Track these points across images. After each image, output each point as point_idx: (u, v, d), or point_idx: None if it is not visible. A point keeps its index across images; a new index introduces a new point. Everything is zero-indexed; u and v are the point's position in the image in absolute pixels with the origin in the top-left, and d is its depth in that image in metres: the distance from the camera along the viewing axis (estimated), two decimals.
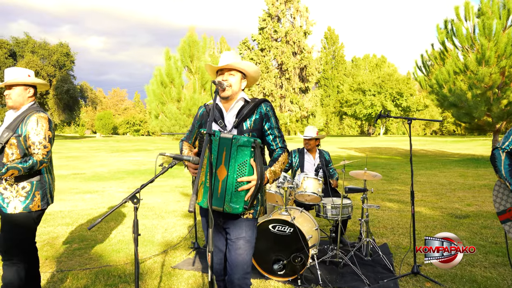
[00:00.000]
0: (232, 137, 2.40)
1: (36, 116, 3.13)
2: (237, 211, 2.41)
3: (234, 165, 2.40)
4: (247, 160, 2.38)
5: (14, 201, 3.07)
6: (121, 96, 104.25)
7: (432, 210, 7.52)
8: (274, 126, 2.74)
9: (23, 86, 3.24)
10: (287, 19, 43.12)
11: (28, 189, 3.11)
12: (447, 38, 16.74)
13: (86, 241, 5.55)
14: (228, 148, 2.41)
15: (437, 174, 13.31)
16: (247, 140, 2.39)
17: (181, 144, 2.98)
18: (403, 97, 55.64)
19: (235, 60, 2.73)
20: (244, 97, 2.77)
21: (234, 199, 2.41)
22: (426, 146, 29.77)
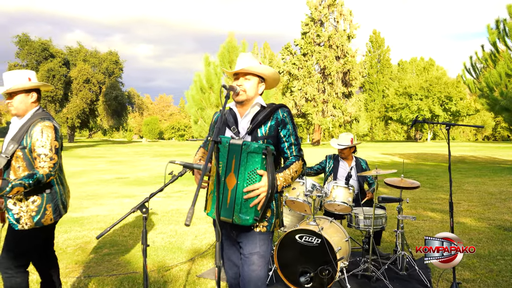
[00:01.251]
0: (242, 143, 2.27)
1: (41, 126, 2.92)
2: (246, 223, 2.27)
3: (244, 173, 2.26)
4: (258, 167, 2.24)
5: (25, 217, 2.89)
6: (167, 102, 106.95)
7: (478, 222, 7.03)
8: (291, 133, 2.56)
9: (24, 92, 3.00)
10: (330, 23, 42.59)
11: (38, 203, 2.93)
12: (499, 38, 15.80)
13: (117, 246, 5.59)
14: (238, 155, 2.28)
15: (487, 182, 12.54)
16: (258, 147, 2.25)
17: (198, 150, 2.90)
18: (452, 101, 53.40)
19: (250, 64, 2.58)
20: (260, 102, 2.62)
21: (244, 209, 2.27)
22: (477, 152, 28.31)
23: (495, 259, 4.99)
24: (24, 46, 46.49)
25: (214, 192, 2.32)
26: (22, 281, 3.00)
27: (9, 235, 2.98)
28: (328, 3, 41.66)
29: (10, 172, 2.92)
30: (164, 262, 4.91)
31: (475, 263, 4.83)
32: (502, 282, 4.23)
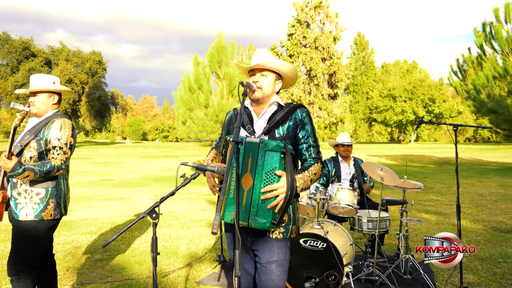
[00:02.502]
0: (259, 141, 2.12)
1: (60, 121, 3.03)
2: (263, 227, 2.11)
3: (261, 173, 2.11)
4: (276, 167, 2.09)
5: (27, 208, 2.92)
6: (150, 103, 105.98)
7: (474, 223, 7.02)
8: (309, 135, 2.42)
9: (47, 93, 3.14)
10: (316, 25, 42.68)
11: (42, 196, 2.95)
12: (486, 41, 16.01)
13: (109, 251, 5.38)
14: (255, 153, 2.12)
15: (476, 184, 12.64)
16: (277, 145, 2.10)
17: (210, 151, 2.74)
18: (435, 103, 54.13)
19: (267, 59, 2.42)
20: (278, 101, 2.47)
21: (260, 212, 2.11)
22: (461, 154, 28.66)
23: (496, 261, 4.94)
24: (4, 45, 45.49)
25: (229, 193, 2.17)
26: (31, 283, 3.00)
27: (15, 233, 2.99)
28: (315, 5, 41.75)
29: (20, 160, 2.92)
30: (160, 268, 4.72)
31: (478, 266, 4.77)
32: (507, 285, 4.17)
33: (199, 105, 14.13)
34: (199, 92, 14.10)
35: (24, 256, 2.94)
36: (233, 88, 14.19)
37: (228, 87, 14.22)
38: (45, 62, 48.50)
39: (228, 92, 14.32)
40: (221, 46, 14.34)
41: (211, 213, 8.06)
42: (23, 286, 2.94)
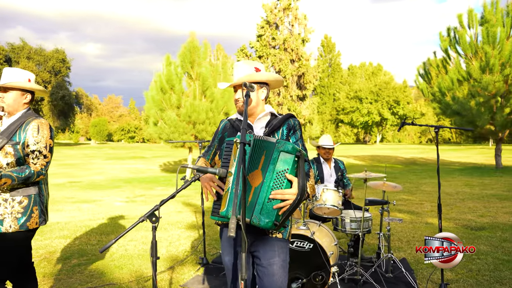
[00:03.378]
0: (276, 140, 2.10)
1: (37, 123, 2.82)
2: (266, 226, 2.06)
3: (272, 173, 2.07)
4: (288, 169, 2.07)
5: (9, 218, 2.70)
6: (116, 103, 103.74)
7: (445, 222, 7.24)
8: (298, 139, 2.50)
9: (20, 90, 2.89)
10: (285, 27, 43.02)
11: (25, 204, 2.75)
12: (450, 46, 16.58)
13: (86, 256, 5.21)
14: (269, 152, 2.09)
15: (442, 183, 13.03)
16: (293, 147, 2.07)
17: (197, 160, 2.70)
18: (400, 105, 55.64)
19: (243, 75, 2.47)
20: (272, 111, 2.55)
21: (265, 211, 2.06)
22: (425, 154, 29.58)
23: (471, 258, 5.11)
24: None
25: (231, 189, 2.12)
26: None
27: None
28: (284, 6, 42.06)
29: None
30: (141, 272, 4.62)
31: None
32: (483, 281, 4.32)
33: (171, 106, 13.93)
34: (171, 92, 13.90)
35: (5, 267, 2.77)
36: (206, 88, 14.07)
37: (201, 88, 14.09)
38: (4, 59, 46.65)
39: (201, 92, 14.19)
40: (193, 46, 14.19)
41: (188, 215, 7.96)
42: None
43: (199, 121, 13.64)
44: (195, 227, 6.91)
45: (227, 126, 2.60)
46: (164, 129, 13.86)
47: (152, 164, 22.75)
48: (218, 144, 2.61)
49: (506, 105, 15.52)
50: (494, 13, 15.68)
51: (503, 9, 15.87)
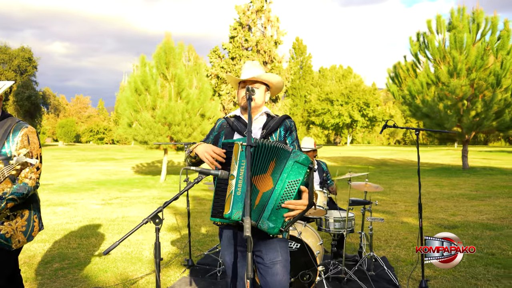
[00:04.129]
0: (292, 150, 2.16)
1: (25, 131, 2.63)
2: (272, 232, 2.13)
3: (284, 181, 2.13)
4: (300, 179, 2.13)
5: (16, 234, 2.61)
6: (84, 104, 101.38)
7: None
8: (295, 140, 2.60)
9: None
10: (258, 29, 43.22)
11: (26, 217, 2.68)
12: (420, 50, 17.11)
13: (68, 259, 5.13)
14: (283, 160, 2.15)
15: (413, 184, 13.45)
16: (306, 158, 2.15)
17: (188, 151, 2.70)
18: (369, 107, 56.83)
19: (260, 72, 2.58)
20: (268, 112, 2.64)
21: (273, 217, 2.13)
22: (394, 155, 30.33)
23: None
24: None
25: (236, 192, 2.16)
26: None
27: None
28: (256, 8, 42.25)
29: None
30: (126, 275, 4.59)
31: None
32: (459, 277, 4.52)
33: (145, 107, 13.79)
34: (146, 93, 13.76)
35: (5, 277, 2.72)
36: (181, 90, 14.00)
37: (177, 89, 14.01)
38: None
39: (176, 94, 14.11)
40: (169, 47, 14.09)
41: (168, 217, 7.92)
42: None
43: (174, 123, 13.56)
44: (176, 229, 6.89)
45: (223, 125, 2.65)
46: (139, 131, 13.70)
47: (124, 166, 22.40)
48: (213, 142, 2.64)
49: (472, 108, 16.14)
50: (461, 19, 16.30)
51: (469, 16, 16.50)
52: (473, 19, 16.24)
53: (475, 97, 16.05)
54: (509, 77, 15.41)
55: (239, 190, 2.16)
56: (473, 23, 16.19)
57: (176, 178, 15.56)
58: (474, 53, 15.46)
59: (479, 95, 15.95)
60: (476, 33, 16.16)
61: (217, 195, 2.32)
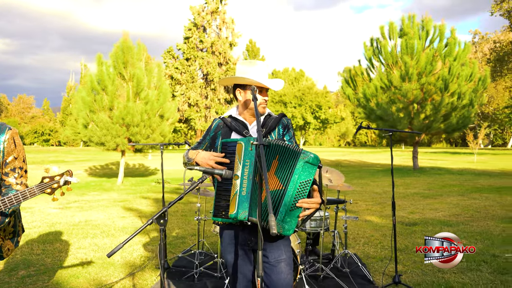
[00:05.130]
0: (300, 150, 2.15)
1: (11, 134, 2.43)
2: (287, 233, 2.13)
3: (296, 182, 2.12)
4: (311, 179, 2.13)
5: (6, 242, 2.50)
6: (27, 103, 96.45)
7: (382, 219, 7.78)
8: (292, 137, 2.66)
9: None
10: (213, 30, 43.09)
11: (13, 223, 2.53)
12: (374, 55, 17.76)
13: (34, 266, 4.89)
14: (293, 160, 2.14)
15: (370, 184, 13.93)
16: (315, 158, 2.14)
17: (186, 153, 2.68)
18: (321, 109, 58.14)
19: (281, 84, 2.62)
20: (270, 112, 2.70)
21: (287, 218, 2.12)
22: (347, 157, 31.23)
23: (412, 251, 5.57)
24: None
25: (241, 192, 2.17)
26: None
27: None
28: (211, 10, 42.13)
29: None
30: (100, 280, 4.44)
31: (399, 256, 5.32)
32: (427, 271, 4.75)
33: (103, 108, 13.36)
34: (103, 93, 13.34)
35: None
36: (140, 90, 13.70)
37: (135, 89, 13.69)
38: None
39: (135, 94, 13.79)
40: (127, 46, 13.74)
41: (133, 220, 7.72)
42: None
43: (133, 124, 13.24)
44: (144, 232, 6.74)
45: (220, 125, 2.64)
46: (96, 132, 13.26)
47: (76, 169, 21.56)
48: (210, 142, 2.64)
49: (422, 111, 16.94)
50: (411, 26, 17.08)
51: (419, 23, 17.33)
52: (422, 26, 17.08)
53: (425, 101, 16.86)
54: (455, 82, 16.33)
55: (244, 190, 2.18)
56: (422, 30, 17.02)
57: (134, 180, 15.20)
58: (424, 59, 16.25)
59: (428, 98, 16.78)
60: (426, 39, 17.00)
61: (219, 195, 2.33)
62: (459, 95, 16.41)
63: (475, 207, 8.89)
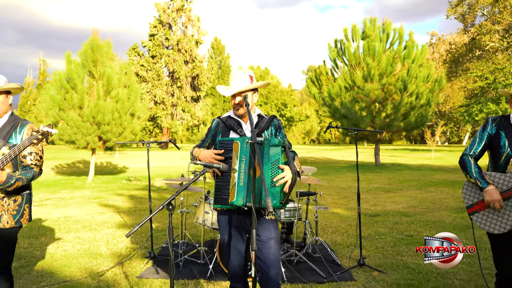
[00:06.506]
0: (264, 139, 2.66)
1: (30, 126, 3.01)
2: (275, 206, 2.60)
3: (268, 164, 2.62)
4: (279, 158, 2.63)
5: (6, 215, 2.91)
6: None
7: (348, 211, 8.40)
8: (284, 135, 3.12)
9: (4, 93, 3.03)
10: (179, 27, 43.00)
11: (19, 202, 2.98)
12: (338, 56, 18.54)
13: (24, 258, 5.14)
14: (262, 148, 2.65)
15: (335, 179, 14.65)
16: (279, 141, 2.65)
17: (192, 150, 3.09)
18: (287, 107, 59.12)
19: (242, 86, 2.95)
20: (259, 113, 3.11)
21: (270, 195, 2.58)
22: (312, 154, 32.11)
23: (374, 239, 6.18)
24: None
25: (239, 183, 2.63)
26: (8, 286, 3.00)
27: None
28: (177, 7, 42.02)
29: None
30: (91, 269, 4.77)
31: (363, 243, 5.88)
32: (388, 255, 5.34)
33: (72, 106, 13.39)
34: (73, 92, 13.37)
35: (4, 261, 2.95)
36: (111, 89, 13.81)
37: (106, 88, 13.79)
38: None
39: (105, 92, 13.89)
40: (96, 44, 13.80)
41: (111, 216, 7.98)
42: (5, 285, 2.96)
43: (104, 122, 13.35)
44: (124, 226, 7.05)
45: (219, 124, 3.07)
46: (66, 130, 13.28)
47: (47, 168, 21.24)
48: (211, 139, 3.08)
49: (383, 110, 17.87)
50: (373, 29, 17.95)
51: (379, 27, 18.24)
52: (383, 29, 17.99)
53: (386, 100, 17.79)
54: (414, 83, 17.33)
55: (241, 181, 2.66)
56: (383, 33, 17.93)
57: (105, 178, 15.29)
58: (385, 61, 17.15)
59: (389, 98, 17.71)
60: (386, 42, 17.94)
61: (218, 185, 2.79)
62: (417, 95, 17.43)
63: (431, 200, 9.69)
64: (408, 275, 4.53)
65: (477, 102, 29.28)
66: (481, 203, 3.00)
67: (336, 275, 4.57)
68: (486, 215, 2.97)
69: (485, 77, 26.93)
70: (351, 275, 4.60)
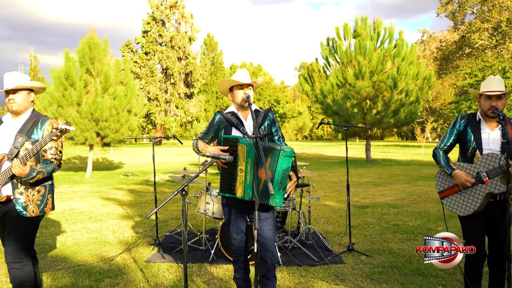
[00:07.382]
0: (280, 148, 3.04)
1: (51, 121, 3.27)
2: (278, 205, 3.11)
3: (279, 170, 3.05)
4: (289, 167, 3.08)
5: (32, 205, 3.20)
6: None
7: (339, 203, 8.84)
8: (278, 129, 3.52)
9: (27, 90, 3.30)
10: (172, 24, 43.19)
11: (42, 193, 3.27)
12: (330, 54, 18.98)
13: (37, 246, 5.49)
14: (276, 156, 3.04)
15: (327, 174, 15.10)
16: (290, 151, 3.06)
17: (196, 142, 3.46)
18: (280, 104, 59.56)
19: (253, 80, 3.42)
20: (256, 108, 3.49)
21: (277, 196, 3.09)
22: (305, 150, 32.56)
23: (363, 228, 6.63)
24: None
25: (245, 181, 3.06)
26: (33, 270, 3.29)
27: (19, 226, 3.21)
28: (170, 4, 42.20)
29: None
30: (102, 255, 5.15)
31: (353, 231, 6.33)
32: (375, 242, 5.78)
33: (71, 103, 13.69)
34: (71, 89, 13.67)
35: (29, 244, 3.31)
36: (108, 86, 14.13)
37: (104, 85, 14.10)
38: None
39: (103, 89, 14.20)
40: (94, 42, 14.08)
41: (114, 208, 8.34)
42: (28, 271, 3.24)
43: (102, 119, 13.67)
44: (127, 217, 7.42)
45: (222, 120, 3.44)
46: None
47: None
48: (214, 133, 3.46)
49: (374, 107, 18.34)
50: (364, 28, 18.40)
51: (370, 25, 18.69)
52: (374, 28, 18.45)
53: (376, 97, 18.26)
54: (403, 81, 17.82)
55: (248, 180, 3.08)
56: (374, 31, 18.39)
57: (102, 174, 15.62)
58: (376, 59, 17.62)
59: (379, 95, 18.19)
60: (377, 40, 18.41)
61: (223, 176, 3.20)
62: (406, 92, 17.93)
63: (418, 193, 10.17)
64: (393, 258, 4.98)
65: (467, 99, 29.88)
66: (450, 189, 3.45)
67: (327, 259, 5.00)
68: (454, 199, 3.41)
69: (474, 75, 27.49)
70: (341, 258, 5.04)
